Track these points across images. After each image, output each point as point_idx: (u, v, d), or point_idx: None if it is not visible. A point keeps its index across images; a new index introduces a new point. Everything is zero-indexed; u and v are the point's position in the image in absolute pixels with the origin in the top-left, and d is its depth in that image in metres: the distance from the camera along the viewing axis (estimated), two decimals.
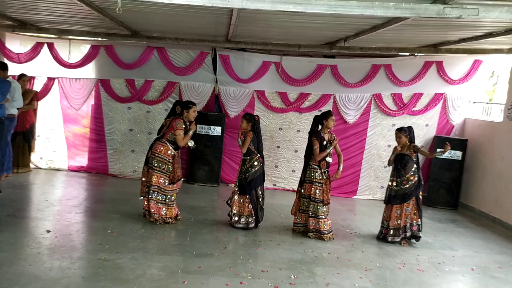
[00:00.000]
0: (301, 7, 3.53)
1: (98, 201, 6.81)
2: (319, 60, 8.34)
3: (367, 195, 8.55)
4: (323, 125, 5.80)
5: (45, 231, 5.16)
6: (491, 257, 5.64)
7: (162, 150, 5.68)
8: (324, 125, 5.78)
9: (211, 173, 8.40)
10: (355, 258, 5.16)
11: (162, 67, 8.30)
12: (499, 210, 7.27)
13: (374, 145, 8.53)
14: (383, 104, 8.39)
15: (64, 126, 8.51)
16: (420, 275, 4.83)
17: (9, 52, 8.16)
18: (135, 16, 5.94)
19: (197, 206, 6.71)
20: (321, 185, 5.71)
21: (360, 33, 6.12)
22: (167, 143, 5.71)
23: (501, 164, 7.38)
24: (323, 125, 5.79)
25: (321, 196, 5.69)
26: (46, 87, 8.31)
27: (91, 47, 8.29)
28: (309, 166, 5.82)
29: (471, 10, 3.60)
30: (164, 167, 5.69)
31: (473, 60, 8.18)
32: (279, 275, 4.43)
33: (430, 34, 6.26)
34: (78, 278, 3.98)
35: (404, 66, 8.31)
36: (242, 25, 6.01)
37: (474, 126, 8.29)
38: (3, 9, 6.27)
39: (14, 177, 7.32)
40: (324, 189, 5.71)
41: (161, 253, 4.76)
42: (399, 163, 5.79)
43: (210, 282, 4.13)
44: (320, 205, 5.69)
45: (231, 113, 8.45)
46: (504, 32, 5.51)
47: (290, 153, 8.57)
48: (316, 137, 5.72)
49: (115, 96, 8.40)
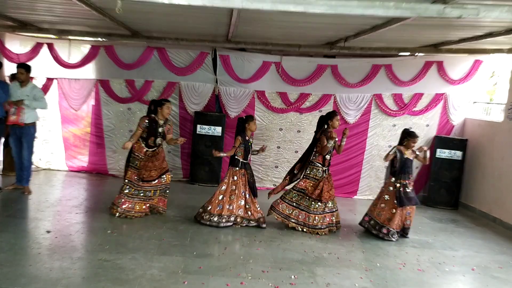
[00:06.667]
0: (301, 7, 3.53)
1: (98, 201, 6.80)
2: (319, 60, 8.34)
3: (367, 195, 8.54)
4: (328, 125, 5.98)
5: (45, 231, 5.16)
6: (491, 257, 5.64)
7: (135, 147, 5.95)
8: (329, 125, 5.98)
9: (211, 173, 8.40)
10: (355, 258, 5.16)
11: (162, 67, 8.29)
12: (500, 210, 7.27)
13: (374, 145, 8.52)
14: (384, 104, 8.39)
15: (62, 127, 8.50)
16: (420, 275, 4.83)
17: (9, 53, 8.16)
18: (135, 16, 5.94)
19: (198, 206, 6.68)
20: (317, 182, 5.93)
21: (360, 33, 6.11)
22: (140, 139, 5.94)
23: (501, 164, 7.37)
24: (328, 125, 5.98)
25: (312, 191, 5.91)
26: (45, 87, 8.27)
27: (91, 48, 8.28)
28: (311, 163, 6.02)
29: (471, 10, 3.60)
30: (137, 164, 5.92)
31: (473, 60, 8.18)
32: (280, 275, 4.43)
33: (431, 34, 6.26)
34: (78, 279, 3.98)
35: (405, 66, 8.30)
36: (242, 25, 6.01)
37: (475, 126, 8.29)
38: (3, 9, 6.27)
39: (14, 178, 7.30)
40: (325, 188, 5.88)
41: (161, 253, 4.75)
42: (409, 167, 5.97)
43: (210, 282, 4.12)
44: (313, 202, 5.92)
45: (231, 113, 8.45)
46: (504, 32, 5.51)
47: (291, 153, 8.57)
48: (325, 134, 5.90)
49: (114, 97, 8.39)
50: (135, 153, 5.95)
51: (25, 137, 6.57)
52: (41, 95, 6.69)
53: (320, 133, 6.00)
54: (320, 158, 5.99)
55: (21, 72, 6.47)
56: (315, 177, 5.98)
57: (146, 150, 5.94)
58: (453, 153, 8.12)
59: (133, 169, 5.95)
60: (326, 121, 6.01)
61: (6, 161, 7.85)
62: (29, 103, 6.43)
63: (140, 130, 5.88)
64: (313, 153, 6.06)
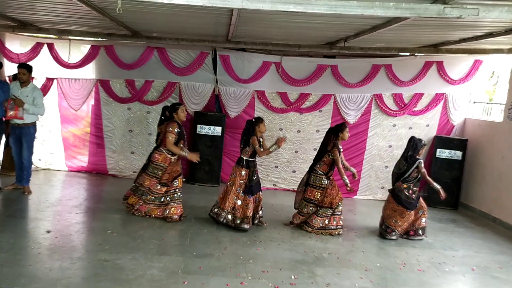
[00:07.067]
0: (301, 7, 3.52)
1: (98, 201, 6.81)
2: (319, 60, 8.34)
3: (367, 195, 8.55)
4: (338, 137, 5.97)
5: (45, 231, 5.16)
6: (491, 257, 5.64)
7: (159, 159, 5.93)
8: (339, 137, 5.97)
9: (211, 173, 8.40)
10: (355, 259, 5.16)
11: (162, 67, 8.29)
12: (500, 210, 7.27)
13: (375, 145, 8.52)
14: (384, 104, 8.39)
15: (61, 127, 8.50)
16: (420, 275, 4.83)
17: (9, 52, 8.16)
18: (135, 16, 5.94)
19: (198, 206, 6.70)
20: (323, 189, 5.97)
21: (360, 33, 6.11)
22: (164, 151, 5.90)
23: (501, 164, 7.37)
24: (338, 136, 5.97)
25: (322, 200, 5.97)
26: (45, 87, 8.27)
27: (91, 47, 8.28)
28: (314, 171, 6.05)
29: (471, 10, 3.60)
30: (158, 173, 5.93)
31: (473, 60, 8.18)
32: (280, 276, 4.43)
33: (430, 34, 6.26)
34: (78, 279, 3.98)
35: (405, 66, 8.31)
36: (242, 25, 6.01)
37: (475, 126, 8.29)
38: (3, 9, 6.26)
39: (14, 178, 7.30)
40: (328, 193, 5.95)
41: (161, 253, 4.75)
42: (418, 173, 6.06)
43: (210, 282, 4.12)
44: (321, 208, 5.99)
45: (231, 113, 8.45)
46: (504, 32, 5.51)
47: (291, 153, 8.57)
48: (337, 148, 5.91)
49: (114, 97, 8.39)
50: (158, 164, 5.91)
51: (25, 137, 6.57)
52: (41, 100, 6.63)
53: (332, 145, 5.98)
54: (324, 167, 6.01)
55: (23, 72, 6.46)
56: (321, 185, 6.00)
57: (171, 159, 5.94)
58: (453, 153, 8.12)
59: (153, 178, 5.93)
60: (336, 132, 5.99)
61: (6, 161, 7.86)
62: (28, 108, 6.42)
63: (174, 137, 5.77)
64: (319, 162, 6.06)
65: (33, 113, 6.55)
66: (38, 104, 6.56)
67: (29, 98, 6.45)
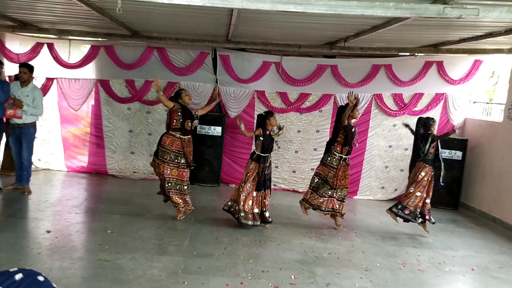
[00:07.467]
0: (301, 7, 3.52)
1: (98, 201, 6.81)
2: (319, 60, 8.33)
3: (367, 195, 8.55)
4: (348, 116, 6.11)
5: (45, 231, 5.16)
6: (491, 257, 5.64)
7: (166, 141, 5.83)
8: (349, 116, 6.10)
9: (211, 173, 8.40)
10: (355, 258, 5.16)
11: (162, 67, 8.28)
12: (500, 210, 7.26)
13: (375, 145, 8.52)
14: (384, 104, 8.38)
15: (61, 127, 8.50)
16: (420, 275, 4.83)
17: (9, 52, 8.16)
18: (135, 16, 5.94)
19: (198, 206, 6.69)
20: (334, 170, 6.06)
21: (360, 33, 6.11)
22: (172, 133, 5.84)
23: (501, 164, 7.37)
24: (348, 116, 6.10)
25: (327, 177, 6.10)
26: (44, 87, 8.26)
27: (91, 48, 8.28)
28: (329, 151, 6.19)
29: (471, 10, 3.59)
30: (176, 159, 5.84)
31: (473, 60, 8.17)
32: (280, 275, 4.43)
33: (430, 34, 6.26)
34: (78, 279, 3.98)
35: (405, 66, 8.30)
36: (242, 25, 6.00)
37: (475, 126, 8.29)
38: (3, 9, 6.26)
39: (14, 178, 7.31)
40: (339, 175, 6.04)
41: (161, 253, 4.76)
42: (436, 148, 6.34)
43: (210, 282, 4.13)
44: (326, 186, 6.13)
45: (231, 113, 8.45)
46: (504, 32, 5.51)
47: (291, 153, 8.57)
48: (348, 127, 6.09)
49: (114, 97, 8.38)
50: (169, 148, 5.81)
51: (24, 137, 6.57)
52: (40, 101, 6.62)
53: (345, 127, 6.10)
54: (338, 147, 6.10)
55: (24, 71, 6.47)
56: (331, 165, 6.10)
57: (181, 140, 5.82)
58: (453, 153, 8.11)
59: (170, 165, 5.83)
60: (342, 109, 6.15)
61: (6, 161, 7.86)
62: (27, 109, 6.42)
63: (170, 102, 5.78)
64: (334, 142, 6.16)
65: (31, 115, 6.56)
66: (37, 105, 6.56)
67: (29, 98, 6.46)
